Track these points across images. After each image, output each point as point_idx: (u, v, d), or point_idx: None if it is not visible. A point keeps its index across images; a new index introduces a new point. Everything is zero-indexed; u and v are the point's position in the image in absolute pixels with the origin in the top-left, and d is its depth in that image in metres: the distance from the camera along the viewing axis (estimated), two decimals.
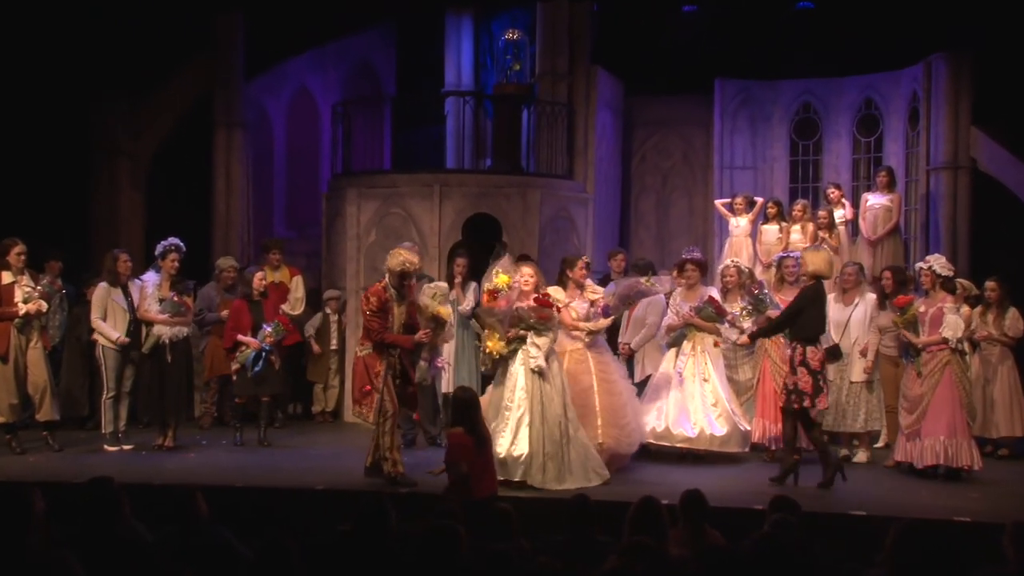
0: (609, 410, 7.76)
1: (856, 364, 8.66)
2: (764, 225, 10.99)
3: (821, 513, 6.50)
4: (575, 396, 7.67)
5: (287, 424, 10.35)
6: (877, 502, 7.12)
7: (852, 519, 6.62)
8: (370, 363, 7.38)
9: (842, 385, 8.71)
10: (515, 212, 11.09)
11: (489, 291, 7.52)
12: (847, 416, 8.70)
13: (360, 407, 7.41)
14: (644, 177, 13.23)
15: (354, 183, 11.36)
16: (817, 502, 6.74)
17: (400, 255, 7.51)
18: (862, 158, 12.45)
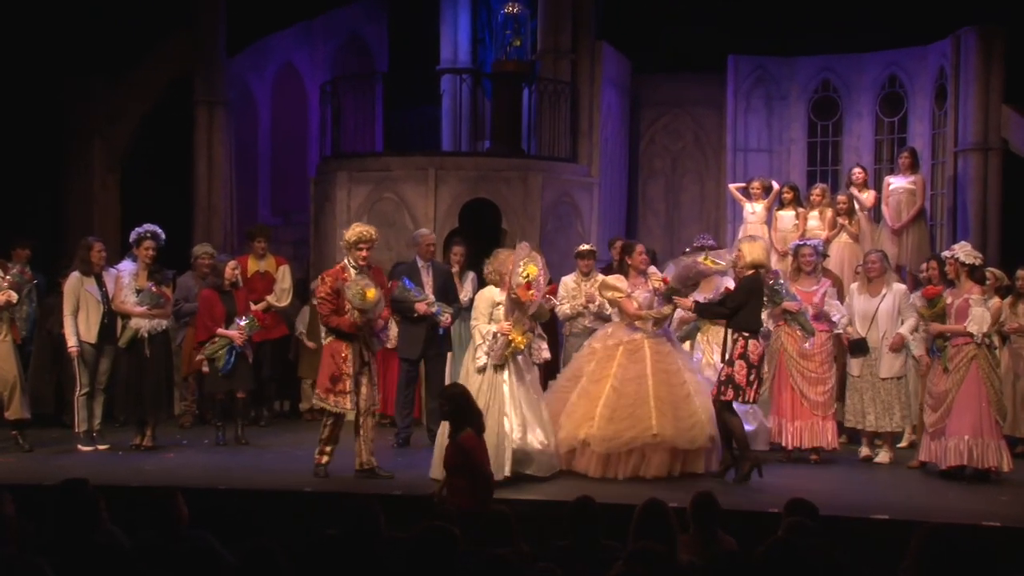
0: (666, 401, 7.72)
1: (885, 360, 8.65)
2: (780, 211, 10.96)
3: (840, 517, 6.50)
4: (625, 384, 7.70)
5: (273, 422, 10.36)
6: (900, 505, 7.11)
7: (873, 523, 6.62)
8: (336, 349, 7.57)
9: (873, 382, 8.69)
10: (515, 197, 11.08)
11: (525, 285, 7.54)
12: (874, 415, 8.69)
13: (334, 396, 7.52)
14: (652, 160, 13.22)
15: (344, 166, 11.36)
16: (836, 505, 6.74)
17: (356, 227, 7.76)
18: (885, 139, 12.43)
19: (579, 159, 11.90)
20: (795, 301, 8.47)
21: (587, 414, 7.74)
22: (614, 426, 7.65)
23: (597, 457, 7.67)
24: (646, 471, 7.64)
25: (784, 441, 8.56)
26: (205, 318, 9.03)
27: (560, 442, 7.75)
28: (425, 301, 8.98)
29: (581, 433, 7.69)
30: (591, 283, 9.36)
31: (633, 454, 7.65)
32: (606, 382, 7.81)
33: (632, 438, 7.62)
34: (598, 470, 7.67)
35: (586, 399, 7.81)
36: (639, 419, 7.64)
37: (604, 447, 7.63)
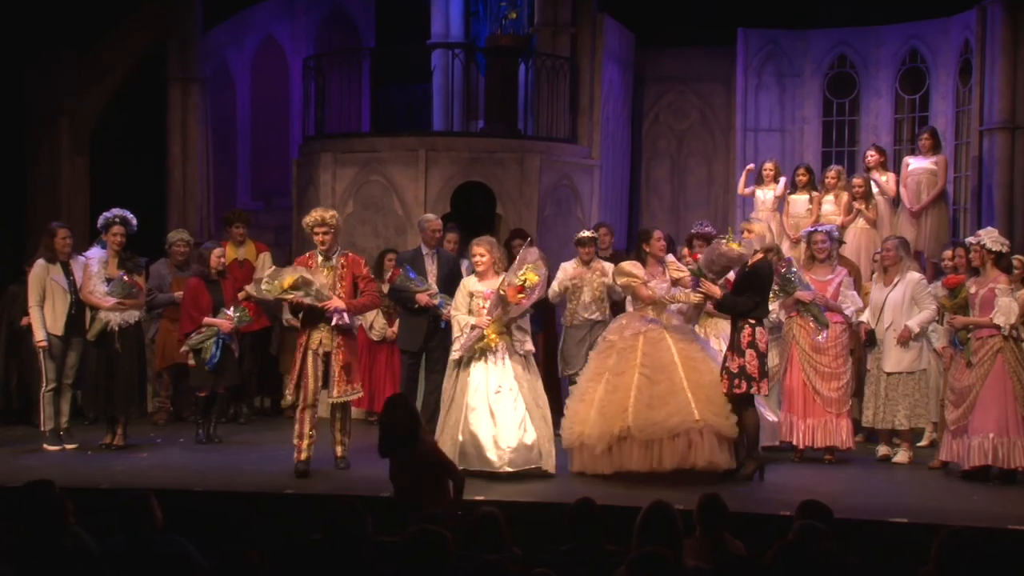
0: (699, 386, 7.74)
1: (891, 353, 8.65)
2: (793, 195, 10.95)
3: (856, 520, 6.52)
4: (656, 372, 7.75)
5: (253, 420, 10.36)
6: (920, 508, 7.13)
7: (891, 527, 6.64)
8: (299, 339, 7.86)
9: (879, 376, 8.70)
10: (511, 180, 11.07)
11: (518, 286, 7.77)
12: (872, 411, 8.70)
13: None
14: (657, 141, 13.19)
15: (329, 147, 11.34)
16: (851, 508, 6.76)
17: (314, 211, 8.06)
18: (905, 118, 12.41)
19: (579, 139, 11.88)
20: (808, 291, 8.47)
21: (620, 406, 7.74)
22: (654, 413, 7.65)
23: (639, 446, 7.65)
24: (696, 459, 7.59)
25: (796, 440, 8.57)
26: (190, 308, 9.02)
27: (594, 441, 7.76)
28: (427, 291, 8.97)
29: (616, 427, 7.69)
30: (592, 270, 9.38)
31: (678, 440, 7.61)
32: (633, 372, 7.82)
33: (676, 424, 7.61)
34: (642, 462, 7.64)
35: (615, 393, 7.82)
36: (679, 405, 7.65)
37: (646, 433, 7.61)
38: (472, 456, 7.87)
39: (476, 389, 7.96)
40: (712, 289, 7.86)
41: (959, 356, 8.02)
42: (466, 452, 7.88)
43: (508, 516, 5.04)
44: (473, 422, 7.90)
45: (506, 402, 7.92)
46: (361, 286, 8.00)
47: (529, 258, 7.93)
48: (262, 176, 13.37)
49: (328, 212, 8.08)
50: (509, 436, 7.88)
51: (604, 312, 9.37)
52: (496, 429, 7.88)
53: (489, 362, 7.97)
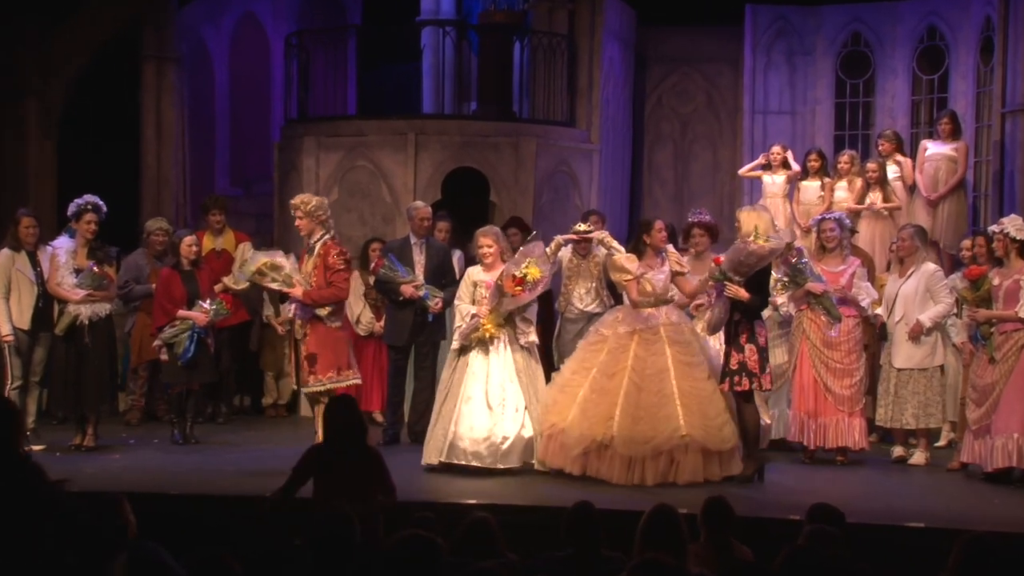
0: (691, 396, 7.75)
1: (902, 348, 8.65)
2: (804, 181, 10.94)
3: (869, 525, 6.54)
4: (646, 380, 7.76)
5: (232, 420, 10.36)
6: (938, 511, 7.16)
7: (908, 532, 6.66)
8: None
9: (889, 372, 8.71)
10: (505, 166, 11.07)
11: (516, 278, 7.92)
12: (884, 408, 8.71)
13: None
14: (660, 124, 13.19)
15: (312, 131, 11.32)
16: (865, 511, 6.77)
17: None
18: (923, 99, 12.40)
19: (577, 123, 11.88)
20: (821, 282, 8.46)
21: (606, 413, 7.74)
22: (639, 427, 7.66)
23: (620, 460, 7.68)
24: (678, 476, 7.64)
25: (806, 440, 8.58)
26: (163, 300, 9.02)
27: (572, 443, 7.78)
28: (412, 283, 8.98)
29: (599, 434, 7.70)
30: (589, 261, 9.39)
31: (661, 458, 7.66)
32: (622, 376, 7.81)
33: (660, 442, 7.63)
34: (622, 475, 7.67)
35: (601, 395, 7.82)
36: (665, 419, 7.66)
37: (629, 450, 7.64)
38: (463, 449, 7.96)
39: (474, 380, 8.05)
40: (740, 292, 7.75)
41: (981, 352, 8.02)
42: (456, 445, 7.98)
43: (502, 520, 5.04)
44: (468, 414, 7.99)
45: (504, 396, 8.01)
46: (328, 276, 8.10)
47: (535, 252, 8.04)
48: (241, 161, 13.36)
49: (299, 197, 8.29)
50: (504, 431, 7.97)
51: (603, 304, 9.39)
52: (491, 423, 7.97)
53: (490, 353, 8.08)
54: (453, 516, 5.75)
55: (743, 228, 7.86)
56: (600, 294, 9.46)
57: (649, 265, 8.10)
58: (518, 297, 7.97)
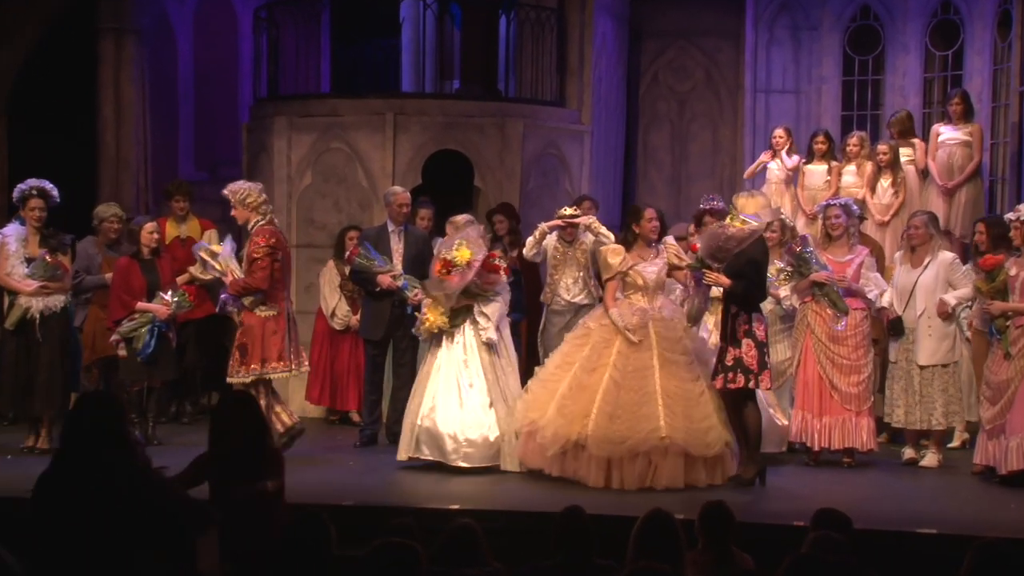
0: (677, 398, 7.76)
1: (925, 344, 8.65)
2: (809, 165, 10.95)
3: (878, 531, 6.56)
4: (627, 377, 7.78)
5: (198, 419, 10.33)
6: (951, 517, 7.19)
7: (919, 538, 6.68)
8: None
9: (908, 369, 8.72)
10: (490, 149, 11.06)
11: (443, 261, 8.13)
12: (903, 408, 8.71)
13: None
14: (655, 104, 13.19)
15: (283, 110, 11.29)
16: (873, 517, 6.79)
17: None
18: (936, 77, 12.42)
19: (567, 102, 11.87)
20: (827, 271, 8.46)
21: (582, 410, 7.77)
22: (616, 426, 7.68)
23: (596, 462, 7.71)
24: (656, 481, 7.67)
25: (810, 441, 8.60)
26: (121, 292, 8.99)
27: (548, 442, 7.82)
28: (389, 272, 8.99)
29: (574, 433, 7.73)
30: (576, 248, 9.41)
31: (639, 460, 7.67)
32: (603, 372, 7.84)
33: (637, 442, 7.64)
34: (598, 478, 7.71)
35: (580, 392, 7.85)
36: (645, 419, 7.67)
37: (604, 450, 7.66)
38: (427, 444, 8.16)
39: (437, 375, 8.25)
40: (720, 279, 7.79)
41: (996, 347, 8.04)
42: (421, 440, 8.18)
43: (487, 526, 5.04)
44: (431, 409, 8.18)
45: (468, 393, 8.19)
46: (246, 265, 8.36)
47: (470, 234, 8.21)
48: (207, 143, 13.32)
49: (230, 187, 8.58)
50: (470, 429, 8.13)
51: (591, 294, 9.41)
52: (453, 420, 8.14)
53: (453, 348, 8.28)
54: (434, 522, 5.76)
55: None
56: (588, 284, 9.47)
57: (640, 256, 8.09)
58: (447, 282, 8.13)
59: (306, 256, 10.86)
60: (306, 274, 10.75)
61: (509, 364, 8.40)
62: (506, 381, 8.33)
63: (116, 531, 4.40)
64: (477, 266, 8.18)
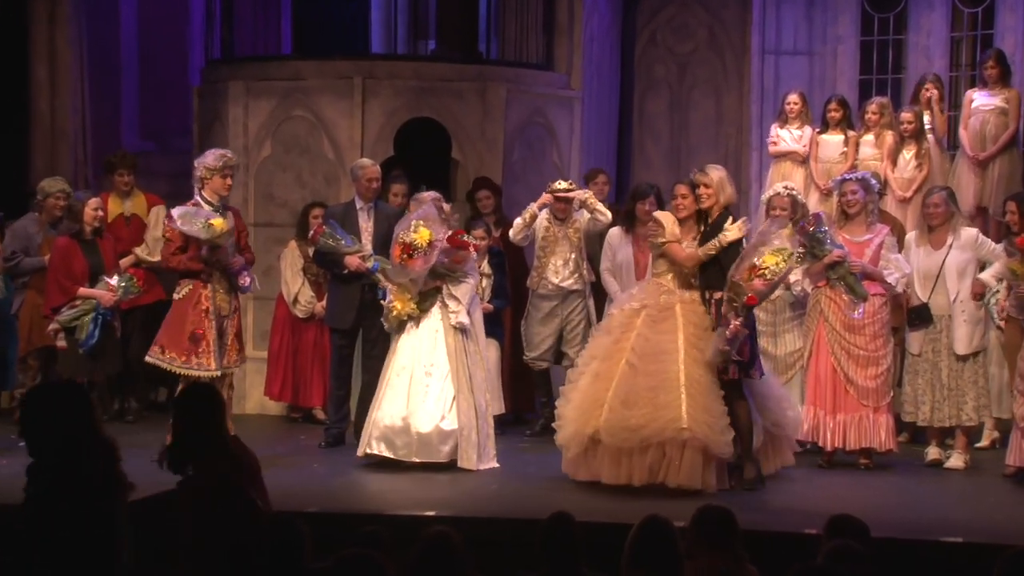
0: (699, 386, 7.74)
1: (961, 330, 8.69)
2: (824, 135, 10.95)
3: (898, 540, 6.59)
4: (645, 361, 7.78)
5: (144, 417, 10.33)
6: (978, 524, 7.22)
7: (943, 548, 6.71)
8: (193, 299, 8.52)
9: (936, 361, 8.73)
10: (470, 117, 11.05)
11: (403, 244, 8.28)
12: (930, 405, 8.73)
13: (196, 357, 8.40)
14: (653, 67, 13.19)
15: (239, 74, 11.26)
16: (893, 524, 6.82)
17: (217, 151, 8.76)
18: (964, 36, 12.44)
19: (555, 66, 11.86)
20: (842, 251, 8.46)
21: (597, 400, 7.79)
22: (630, 413, 7.67)
23: (610, 455, 7.70)
24: (668, 476, 7.63)
25: (823, 440, 8.63)
26: (60, 276, 8.94)
27: (567, 442, 7.88)
28: (358, 253, 8.99)
29: (590, 427, 7.74)
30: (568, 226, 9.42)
31: (651, 451, 7.63)
32: (620, 357, 7.86)
33: (652, 432, 7.61)
34: (612, 472, 7.70)
35: (596, 383, 7.87)
36: (664, 407, 7.65)
37: (614, 439, 7.65)
38: (378, 439, 8.32)
39: (397, 364, 8.41)
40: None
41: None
42: (374, 434, 8.34)
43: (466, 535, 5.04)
44: (387, 400, 8.33)
45: (429, 383, 8.32)
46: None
47: (427, 213, 8.36)
48: (154, 111, 13.28)
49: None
50: (422, 422, 8.26)
51: (582, 279, 9.42)
52: (406, 411, 8.28)
53: (417, 334, 8.43)
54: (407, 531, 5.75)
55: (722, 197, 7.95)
56: (580, 267, 9.49)
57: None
58: (409, 267, 8.31)
59: (265, 236, 10.83)
60: (265, 256, 10.72)
61: (478, 352, 8.54)
62: (475, 369, 8.45)
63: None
64: (440, 245, 8.31)
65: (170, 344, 8.43)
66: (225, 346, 8.45)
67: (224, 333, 8.44)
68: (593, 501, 7.44)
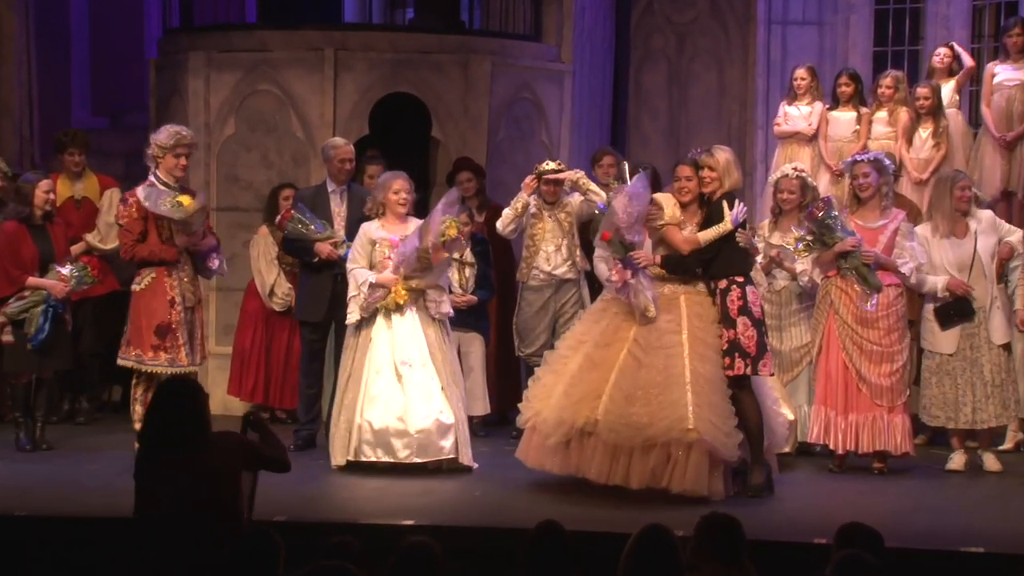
0: (707, 384, 7.75)
1: (997, 319, 8.74)
2: (834, 111, 10.96)
3: (915, 550, 6.60)
4: (650, 354, 7.77)
5: (97, 419, 10.32)
6: (1001, 532, 7.22)
7: (963, 559, 6.72)
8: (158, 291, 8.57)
9: (975, 358, 8.72)
10: (452, 92, 11.05)
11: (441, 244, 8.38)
12: (971, 405, 8.71)
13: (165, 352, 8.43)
14: (650, 37, 13.20)
15: (200, 44, 11.24)
16: (909, 534, 6.85)
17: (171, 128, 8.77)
18: (987, 4, 12.48)
19: (544, 36, 11.86)
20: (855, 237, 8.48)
21: (593, 390, 7.77)
22: (634, 410, 7.66)
23: (603, 450, 7.68)
24: (672, 481, 7.62)
25: (834, 443, 8.64)
26: (8, 265, 8.96)
27: (550, 429, 7.84)
28: (329, 239, 8.99)
29: (581, 418, 7.72)
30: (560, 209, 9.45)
31: (654, 453, 7.62)
32: (621, 346, 7.85)
33: (657, 432, 7.60)
34: (602, 469, 7.68)
35: (592, 371, 7.86)
36: (670, 405, 7.65)
37: (614, 436, 7.63)
38: (371, 444, 8.32)
39: (380, 360, 8.40)
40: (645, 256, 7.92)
41: None
42: (364, 439, 8.33)
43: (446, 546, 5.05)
44: (374, 400, 8.32)
45: (417, 377, 8.36)
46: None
47: (452, 202, 8.42)
48: (107, 85, 13.26)
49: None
50: (418, 419, 8.29)
51: (576, 267, 9.42)
52: (403, 410, 8.29)
53: (396, 326, 8.45)
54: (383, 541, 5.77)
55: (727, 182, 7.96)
56: (573, 254, 9.49)
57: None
58: (441, 262, 8.48)
59: (228, 221, 10.82)
60: (229, 243, 10.69)
61: (452, 344, 8.70)
62: (455, 362, 8.65)
63: None
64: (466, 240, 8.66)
65: (135, 340, 8.46)
66: (196, 340, 8.52)
67: (194, 325, 8.55)
68: (584, 508, 7.44)
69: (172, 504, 5.47)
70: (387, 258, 8.50)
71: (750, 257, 8.09)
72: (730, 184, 7.97)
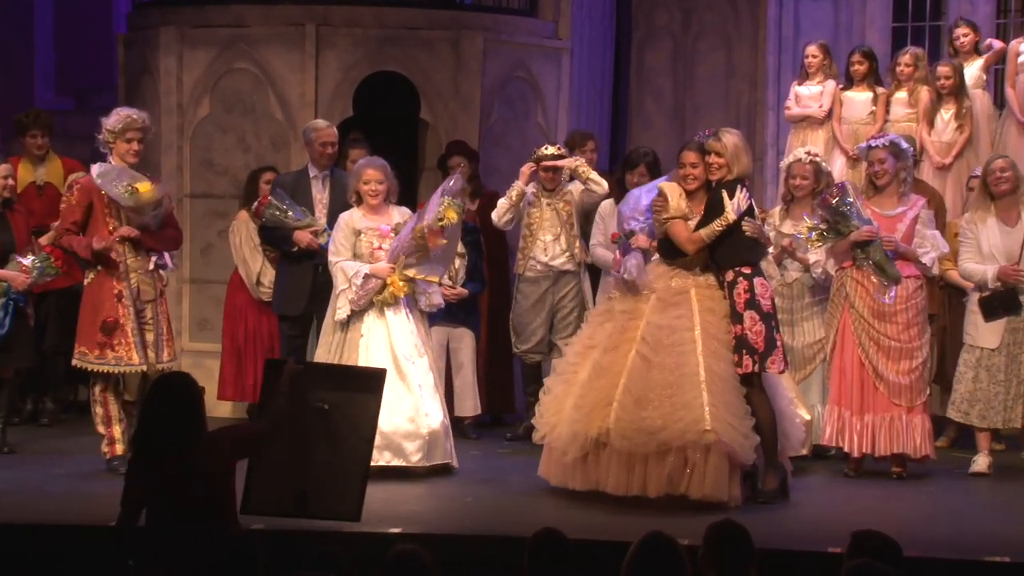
0: (722, 382, 7.77)
1: None
2: (848, 91, 10.97)
3: (935, 559, 6.62)
4: (660, 353, 7.79)
5: (62, 420, 10.33)
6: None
7: (986, 568, 6.74)
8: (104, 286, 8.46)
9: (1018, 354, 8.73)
10: (442, 71, 11.04)
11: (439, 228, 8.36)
12: None
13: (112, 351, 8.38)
14: (653, 14, 13.20)
15: (172, 19, 11.23)
16: (929, 542, 6.87)
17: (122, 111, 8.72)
18: None
19: (540, 12, 11.87)
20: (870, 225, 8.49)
21: (603, 399, 7.78)
22: (645, 413, 7.67)
23: (618, 460, 7.69)
24: (691, 487, 7.63)
25: (849, 445, 8.66)
26: None
27: (564, 444, 7.85)
28: (310, 227, 9.00)
29: (594, 428, 7.73)
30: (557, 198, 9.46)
31: (671, 458, 7.62)
32: (628, 348, 7.85)
33: (672, 435, 7.61)
34: (621, 482, 7.69)
35: (600, 378, 7.87)
36: (684, 406, 7.66)
37: (626, 442, 7.64)
38: (379, 448, 8.06)
39: (378, 358, 8.31)
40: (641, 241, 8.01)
41: None
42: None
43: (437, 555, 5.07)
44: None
45: (420, 374, 8.40)
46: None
47: (455, 188, 8.42)
48: (72, 62, 13.24)
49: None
50: (430, 419, 8.35)
51: (574, 258, 9.44)
52: (413, 410, 8.32)
53: (388, 320, 8.46)
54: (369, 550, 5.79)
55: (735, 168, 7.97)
56: (572, 244, 9.50)
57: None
58: (438, 247, 8.44)
59: (203, 208, 10.83)
60: (203, 232, 10.73)
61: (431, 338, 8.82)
62: (440, 358, 8.83)
63: None
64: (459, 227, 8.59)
65: (81, 337, 8.46)
66: (161, 337, 8.48)
67: (155, 321, 8.48)
68: (584, 515, 7.46)
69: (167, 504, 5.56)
70: (377, 249, 8.48)
71: (759, 247, 8.07)
72: (739, 170, 7.96)
